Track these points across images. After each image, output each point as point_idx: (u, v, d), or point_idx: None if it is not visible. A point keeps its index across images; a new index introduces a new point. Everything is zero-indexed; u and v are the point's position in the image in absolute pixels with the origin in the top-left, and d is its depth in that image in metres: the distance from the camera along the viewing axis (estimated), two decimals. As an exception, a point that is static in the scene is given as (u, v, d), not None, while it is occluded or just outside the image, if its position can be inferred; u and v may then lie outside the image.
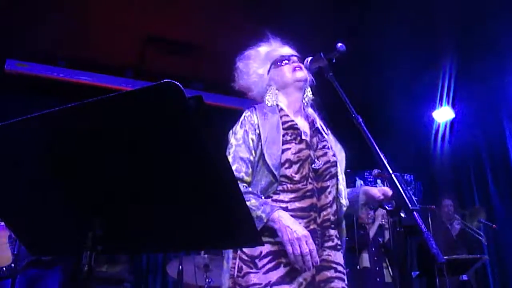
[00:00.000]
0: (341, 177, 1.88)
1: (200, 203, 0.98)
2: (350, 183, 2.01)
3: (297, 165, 1.78)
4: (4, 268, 3.46)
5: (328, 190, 1.81)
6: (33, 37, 4.76)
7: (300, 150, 1.80)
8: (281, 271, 1.66)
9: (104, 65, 5.26)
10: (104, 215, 1.02)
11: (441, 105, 6.02)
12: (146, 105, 0.84)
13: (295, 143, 1.81)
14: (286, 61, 1.96)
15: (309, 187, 1.77)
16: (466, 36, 4.75)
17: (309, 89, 2.01)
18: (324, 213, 1.77)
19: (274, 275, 1.65)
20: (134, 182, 0.97)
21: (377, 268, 4.57)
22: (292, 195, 1.76)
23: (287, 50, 2.01)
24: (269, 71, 1.99)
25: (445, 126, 6.43)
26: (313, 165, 1.80)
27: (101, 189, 0.99)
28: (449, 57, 5.17)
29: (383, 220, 4.70)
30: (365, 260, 4.59)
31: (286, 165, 1.77)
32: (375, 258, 4.61)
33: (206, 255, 3.81)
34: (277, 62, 1.97)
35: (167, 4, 4.44)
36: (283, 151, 1.78)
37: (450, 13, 4.41)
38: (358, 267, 4.55)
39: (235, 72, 2.05)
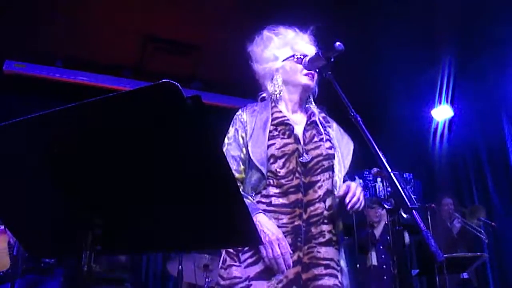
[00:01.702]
0: (337, 169, 1.84)
1: (199, 202, 0.98)
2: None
3: (283, 160, 1.77)
4: (2, 273, 3.47)
5: (318, 184, 1.78)
6: (32, 37, 4.76)
7: (285, 145, 1.79)
8: (260, 266, 1.68)
9: (103, 65, 5.26)
10: (104, 215, 1.02)
11: (440, 103, 6.02)
12: (145, 105, 0.84)
13: (281, 138, 1.80)
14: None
15: (295, 182, 1.75)
16: (465, 34, 4.76)
17: (311, 99, 2.00)
18: (311, 208, 1.75)
19: (254, 270, 1.68)
20: (133, 182, 0.97)
21: (385, 266, 4.60)
22: (277, 191, 1.76)
23: (309, 51, 1.93)
24: (285, 59, 1.93)
25: (444, 124, 6.43)
26: (300, 159, 1.78)
27: (100, 189, 0.99)
28: (448, 56, 5.18)
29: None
30: (373, 258, 4.63)
31: (271, 160, 1.77)
32: (383, 256, 4.63)
33: (206, 255, 3.81)
34: (296, 57, 1.90)
35: (166, 4, 4.44)
36: (268, 146, 1.78)
37: (450, 12, 4.42)
38: (358, 265, 4.56)
39: (257, 37, 2.00)
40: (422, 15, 4.48)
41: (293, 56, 1.92)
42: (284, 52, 1.94)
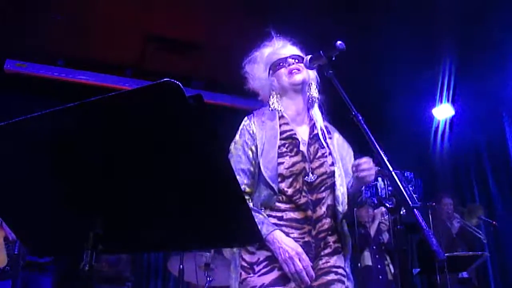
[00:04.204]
0: (339, 183, 1.85)
1: (200, 202, 0.98)
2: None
3: (290, 180, 1.79)
4: None
5: (323, 201, 1.81)
6: (33, 36, 4.75)
7: (293, 164, 1.80)
8: (275, 274, 1.72)
9: (104, 64, 5.26)
10: (105, 215, 1.02)
11: (441, 102, 6.01)
12: (146, 104, 0.84)
13: (290, 156, 1.81)
14: (282, 64, 1.92)
15: (303, 200, 1.78)
16: (466, 33, 4.75)
17: (314, 87, 1.98)
18: (319, 224, 1.79)
19: (268, 278, 1.71)
20: (134, 182, 0.97)
21: (379, 266, 4.58)
22: (287, 206, 1.78)
23: (287, 50, 1.96)
24: (269, 75, 1.96)
25: (445, 123, 6.42)
26: (305, 178, 1.79)
27: (101, 188, 0.99)
28: (449, 54, 5.16)
29: (382, 218, 4.70)
30: (367, 258, 4.60)
31: (279, 179, 1.78)
32: (377, 256, 4.62)
33: (208, 254, 3.81)
34: (275, 67, 1.94)
35: (167, 2, 4.43)
36: (278, 164, 1.79)
37: (450, 10, 4.41)
38: (359, 265, 4.56)
39: (245, 74, 2.05)
40: (422, 15, 4.48)
41: (271, 68, 1.95)
42: (266, 72, 1.98)
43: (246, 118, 1.94)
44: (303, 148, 1.85)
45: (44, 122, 0.89)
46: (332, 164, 1.87)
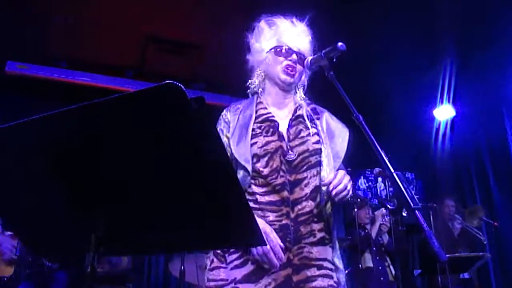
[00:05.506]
0: (325, 163, 1.77)
1: (202, 203, 0.98)
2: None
3: (265, 159, 1.72)
4: (5, 279, 3.48)
5: (305, 182, 1.72)
6: (34, 38, 4.76)
7: (268, 143, 1.74)
8: (247, 268, 1.63)
9: (105, 66, 5.26)
10: (106, 217, 1.02)
11: (442, 103, 6.02)
12: (148, 106, 0.84)
13: (264, 136, 1.75)
14: (285, 54, 1.84)
15: (279, 180, 1.69)
16: (467, 33, 4.75)
17: (301, 91, 1.94)
18: (299, 207, 1.68)
19: (240, 273, 1.63)
20: (136, 184, 0.97)
21: (380, 268, 4.58)
22: (264, 189, 1.71)
23: (299, 43, 1.87)
24: (268, 51, 1.88)
25: (446, 124, 6.43)
26: (285, 157, 1.72)
27: (103, 190, 0.99)
28: (450, 55, 5.17)
29: (383, 220, 4.70)
30: (368, 259, 4.60)
31: (254, 159, 1.72)
32: (377, 258, 4.62)
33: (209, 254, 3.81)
34: (277, 49, 1.85)
35: (168, 4, 4.44)
36: (251, 145, 1.73)
37: (451, 10, 4.41)
38: (360, 266, 4.56)
39: (255, 28, 1.96)
40: (423, 15, 4.48)
41: (275, 48, 1.87)
42: (269, 43, 1.89)
43: (224, 109, 1.90)
44: (282, 129, 1.80)
45: (46, 124, 0.89)
46: (318, 142, 1.79)
